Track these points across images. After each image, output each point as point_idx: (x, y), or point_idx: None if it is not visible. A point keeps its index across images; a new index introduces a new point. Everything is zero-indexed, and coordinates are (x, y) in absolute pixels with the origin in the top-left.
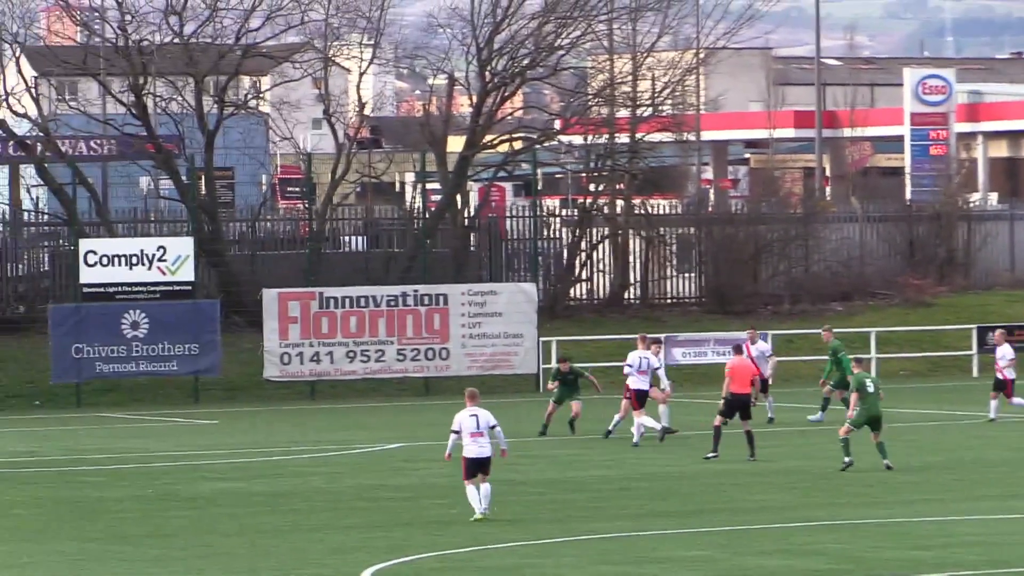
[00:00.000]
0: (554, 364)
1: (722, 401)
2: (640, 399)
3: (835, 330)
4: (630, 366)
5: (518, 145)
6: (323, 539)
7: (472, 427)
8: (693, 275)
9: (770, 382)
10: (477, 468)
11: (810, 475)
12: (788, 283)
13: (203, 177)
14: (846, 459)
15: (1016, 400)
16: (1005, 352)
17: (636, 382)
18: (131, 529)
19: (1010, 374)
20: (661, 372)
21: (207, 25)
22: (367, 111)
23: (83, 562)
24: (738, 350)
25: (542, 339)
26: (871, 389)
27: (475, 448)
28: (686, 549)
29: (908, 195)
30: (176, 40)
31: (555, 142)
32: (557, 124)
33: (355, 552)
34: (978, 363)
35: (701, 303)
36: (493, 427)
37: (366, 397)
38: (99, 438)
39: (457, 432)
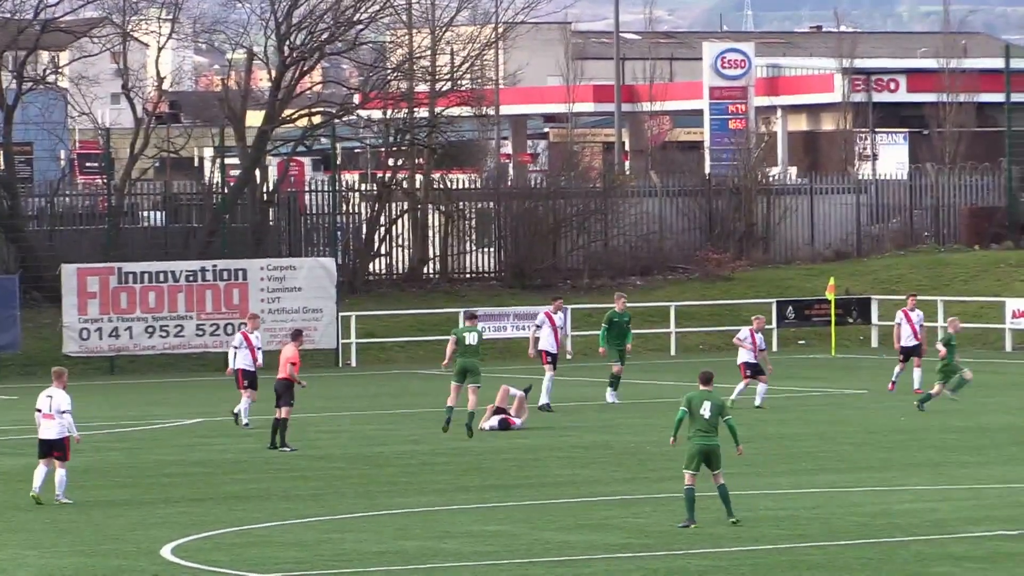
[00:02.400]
0: (355, 339)
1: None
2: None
3: (634, 304)
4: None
5: (317, 120)
6: (123, 514)
7: (45, 408)
8: (492, 249)
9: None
10: (46, 449)
11: (612, 450)
12: (587, 257)
13: (1, 152)
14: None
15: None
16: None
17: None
18: None
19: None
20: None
21: (5, 0)
22: (166, 86)
23: None
24: (295, 335)
25: (341, 314)
26: (706, 414)
27: (42, 429)
28: (487, 524)
29: (707, 169)
30: None
31: (354, 117)
32: (356, 99)
33: (155, 527)
34: (778, 337)
35: (500, 277)
36: (63, 412)
37: (166, 372)
38: None
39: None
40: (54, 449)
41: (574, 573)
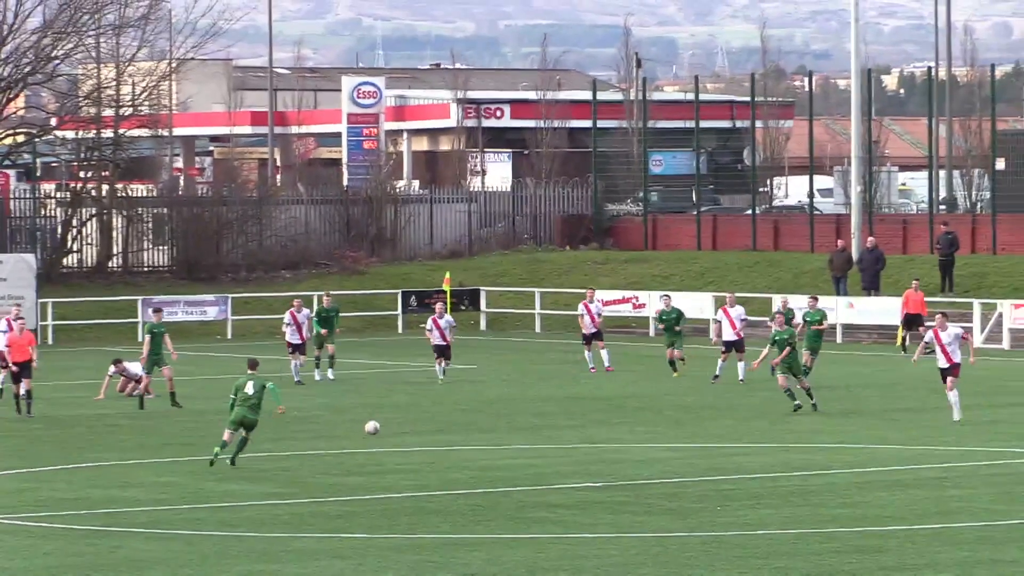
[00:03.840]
0: (51, 321)
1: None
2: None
3: (285, 294)
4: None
5: (21, 138)
6: None
7: None
8: (166, 247)
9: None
10: None
11: (265, 413)
12: (246, 254)
13: None
14: None
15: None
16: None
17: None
18: None
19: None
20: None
21: None
22: None
23: None
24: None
25: (40, 300)
26: (249, 391)
27: None
28: (161, 476)
29: (345, 182)
30: None
31: (52, 136)
32: (54, 121)
33: None
34: (403, 322)
35: (173, 271)
36: None
37: None
38: None
39: None
40: None
41: (233, 516)
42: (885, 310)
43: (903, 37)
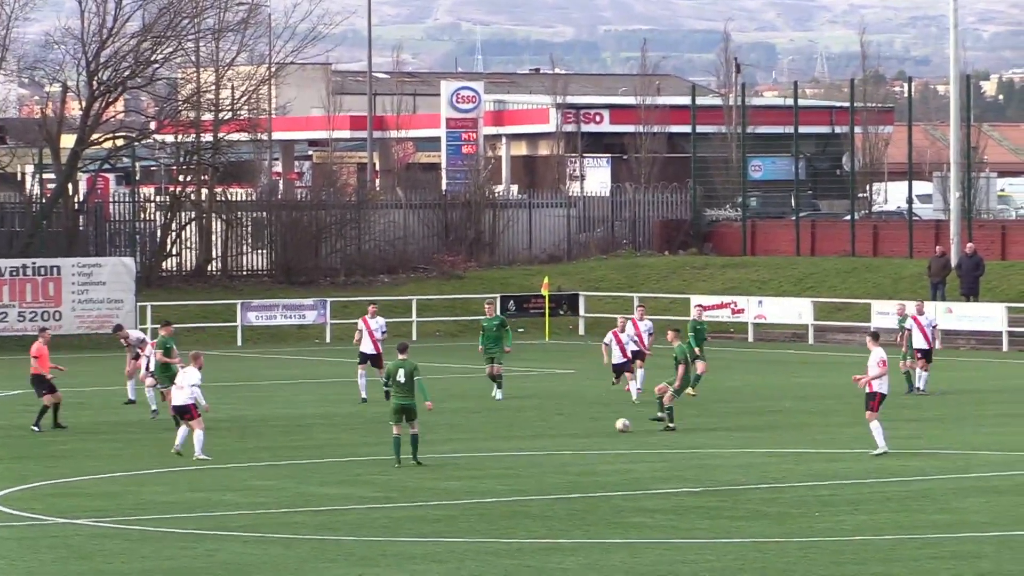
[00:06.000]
0: (150, 324)
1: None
2: None
3: (382, 298)
4: None
5: (120, 142)
6: None
7: (179, 381)
8: (265, 251)
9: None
10: (177, 414)
11: (363, 418)
12: (344, 259)
13: None
14: None
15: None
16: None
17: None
18: None
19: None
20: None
21: None
22: None
23: None
24: (41, 331)
25: (139, 304)
26: (401, 379)
27: (173, 397)
28: (262, 480)
29: (444, 186)
30: None
31: (151, 140)
32: (152, 125)
33: None
34: None
35: (272, 275)
36: (192, 385)
37: None
38: None
39: None
40: (183, 413)
41: (331, 520)
42: (984, 316)
43: (1002, 43)
